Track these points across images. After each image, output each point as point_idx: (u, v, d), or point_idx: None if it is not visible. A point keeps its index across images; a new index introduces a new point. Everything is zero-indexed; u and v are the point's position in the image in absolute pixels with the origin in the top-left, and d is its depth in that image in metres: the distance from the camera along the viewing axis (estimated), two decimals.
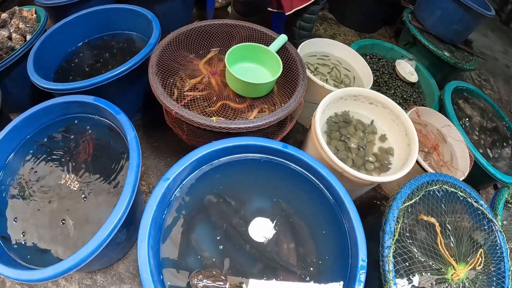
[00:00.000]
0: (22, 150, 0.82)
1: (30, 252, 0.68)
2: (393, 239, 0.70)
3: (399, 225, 0.72)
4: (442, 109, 1.28)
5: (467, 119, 1.32)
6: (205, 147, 0.71)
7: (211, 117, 0.78)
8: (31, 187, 0.76)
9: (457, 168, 1.12)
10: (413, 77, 1.39)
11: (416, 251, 0.72)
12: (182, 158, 0.69)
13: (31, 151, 0.82)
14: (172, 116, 0.93)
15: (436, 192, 0.85)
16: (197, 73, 0.97)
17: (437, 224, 0.77)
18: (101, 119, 0.87)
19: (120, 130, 0.82)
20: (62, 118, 0.87)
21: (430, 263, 0.72)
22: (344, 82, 1.19)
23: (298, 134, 1.26)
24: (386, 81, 1.35)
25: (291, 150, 0.75)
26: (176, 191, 0.70)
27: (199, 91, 0.90)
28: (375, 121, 1.01)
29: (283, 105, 0.85)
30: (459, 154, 1.16)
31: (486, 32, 2.45)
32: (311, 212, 0.74)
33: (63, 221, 0.71)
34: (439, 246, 0.74)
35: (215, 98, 0.91)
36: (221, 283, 0.61)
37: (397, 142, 0.98)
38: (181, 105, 0.80)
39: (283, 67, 0.90)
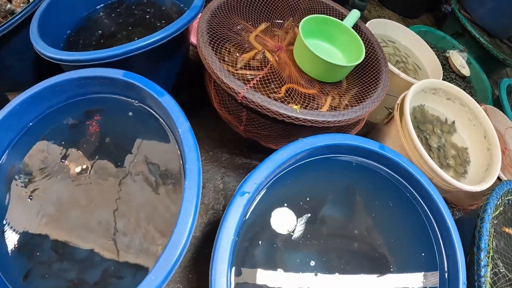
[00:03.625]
0: (21, 143, 0.60)
1: None
2: (489, 257, 0.64)
3: (491, 239, 0.67)
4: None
5: None
6: (291, 148, 0.55)
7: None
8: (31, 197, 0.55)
9: None
10: (465, 70, 1.27)
11: (500, 265, 0.67)
12: (264, 163, 0.52)
13: (35, 145, 0.60)
14: (223, 101, 0.76)
15: None
16: (246, 47, 0.80)
17: None
18: (133, 102, 0.64)
19: (163, 119, 0.62)
20: (76, 100, 0.64)
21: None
22: (407, 72, 1.05)
23: None
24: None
25: (388, 152, 0.61)
26: (252, 205, 0.54)
27: (265, 70, 0.73)
28: (450, 120, 0.89)
29: (351, 94, 0.71)
30: None
31: None
32: (405, 235, 0.62)
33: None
34: None
35: (276, 80, 0.74)
36: None
37: (474, 145, 0.87)
38: (249, 87, 0.63)
39: None
